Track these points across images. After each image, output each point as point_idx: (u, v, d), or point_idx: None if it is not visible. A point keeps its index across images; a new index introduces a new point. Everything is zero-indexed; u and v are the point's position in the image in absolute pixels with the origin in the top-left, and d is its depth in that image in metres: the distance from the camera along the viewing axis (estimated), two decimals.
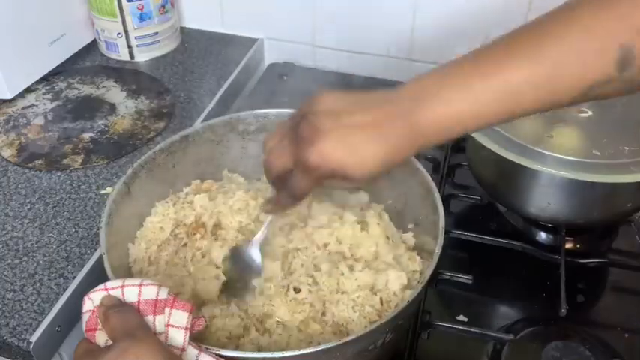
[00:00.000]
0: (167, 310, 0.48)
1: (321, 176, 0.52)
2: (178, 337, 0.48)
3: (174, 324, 0.48)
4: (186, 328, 0.48)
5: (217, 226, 0.68)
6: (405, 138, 0.51)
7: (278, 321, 0.59)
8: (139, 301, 0.49)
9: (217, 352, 0.49)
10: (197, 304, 0.60)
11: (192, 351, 0.48)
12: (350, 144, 0.50)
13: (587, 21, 0.47)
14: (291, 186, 0.55)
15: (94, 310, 0.49)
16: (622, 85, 0.48)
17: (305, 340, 0.58)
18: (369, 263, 0.64)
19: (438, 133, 0.51)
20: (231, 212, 0.68)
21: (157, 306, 0.48)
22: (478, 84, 0.49)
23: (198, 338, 0.50)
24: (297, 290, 0.60)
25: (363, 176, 0.51)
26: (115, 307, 0.48)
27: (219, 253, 0.64)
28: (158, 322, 0.48)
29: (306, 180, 0.54)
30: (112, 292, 0.49)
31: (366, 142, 0.50)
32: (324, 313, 0.60)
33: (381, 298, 0.61)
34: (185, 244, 0.66)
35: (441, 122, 0.50)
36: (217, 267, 0.64)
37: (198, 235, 0.66)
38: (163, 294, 0.49)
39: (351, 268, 0.62)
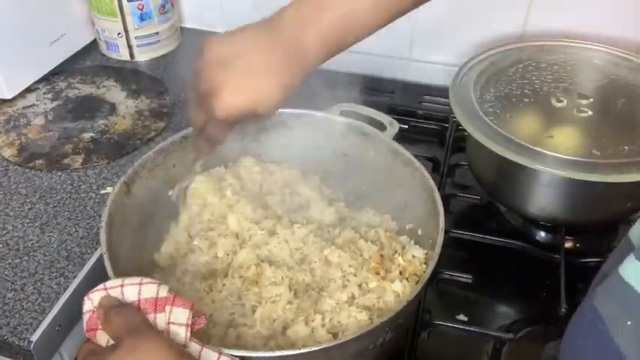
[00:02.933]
0: (168, 308, 0.48)
1: (232, 122, 0.59)
2: (180, 333, 0.48)
3: (175, 321, 0.48)
4: (187, 325, 0.48)
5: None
6: (296, 64, 0.57)
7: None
8: (139, 300, 0.49)
9: (219, 349, 0.49)
10: None
11: (194, 347, 0.48)
12: (250, 87, 0.55)
13: None
14: (208, 135, 0.61)
15: (93, 311, 0.49)
16: None
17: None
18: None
19: (320, 54, 0.59)
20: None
21: (158, 304, 0.48)
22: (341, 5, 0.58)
23: (199, 337, 0.50)
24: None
25: (270, 110, 0.57)
26: (114, 307, 0.48)
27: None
28: (159, 320, 0.48)
29: (219, 128, 0.60)
30: (111, 292, 0.49)
31: (264, 80, 0.56)
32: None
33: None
34: None
35: (322, 46, 0.58)
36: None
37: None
38: (163, 292, 0.49)
39: None
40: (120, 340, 0.46)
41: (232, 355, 0.49)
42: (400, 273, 0.62)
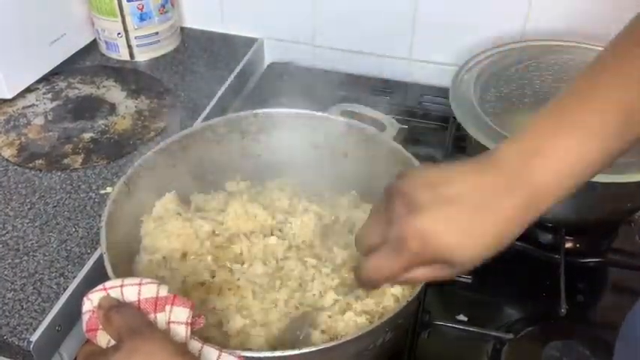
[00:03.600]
0: (168, 307, 0.48)
1: (417, 260, 0.43)
2: (180, 332, 0.48)
3: (176, 320, 0.48)
4: (187, 323, 0.48)
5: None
6: (519, 206, 0.42)
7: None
8: (139, 300, 0.49)
9: (219, 347, 0.49)
10: None
11: (195, 345, 0.48)
12: (454, 220, 0.41)
13: None
14: (373, 265, 0.46)
15: (93, 311, 0.49)
16: None
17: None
18: None
19: (564, 187, 0.42)
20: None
21: (158, 304, 0.48)
22: (594, 118, 0.41)
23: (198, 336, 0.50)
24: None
25: (470, 261, 0.43)
26: (114, 307, 0.48)
27: None
28: (159, 319, 0.48)
29: (394, 261, 0.44)
30: (110, 292, 0.49)
31: (472, 217, 0.41)
32: None
33: None
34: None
35: (569, 174, 0.42)
36: None
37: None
38: (163, 292, 0.49)
39: None
40: (121, 340, 0.46)
41: (233, 353, 0.49)
42: None
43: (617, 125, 0.41)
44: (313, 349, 0.50)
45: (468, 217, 0.42)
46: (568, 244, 0.78)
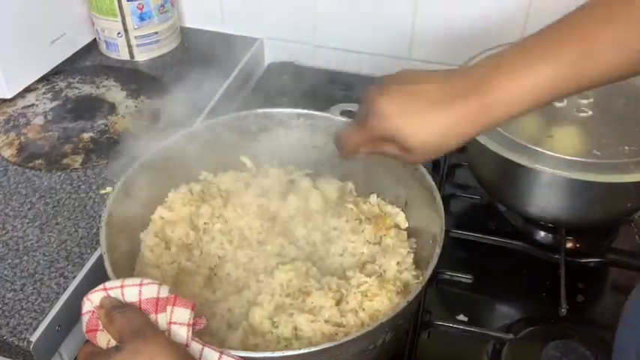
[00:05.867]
0: (169, 308, 0.48)
1: (377, 135, 0.52)
2: (181, 333, 0.48)
3: (177, 321, 0.48)
4: (188, 325, 0.48)
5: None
6: (471, 111, 0.49)
7: None
8: (139, 301, 0.49)
9: (220, 349, 0.49)
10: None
11: (195, 346, 0.48)
12: (411, 108, 0.50)
13: None
14: (343, 136, 0.56)
15: (93, 312, 0.49)
16: None
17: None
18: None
19: (515, 103, 0.49)
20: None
21: (159, 304, 0.48)
22: (558, 48, 0.48)
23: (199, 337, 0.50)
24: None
25: (419, 145, 0.50)
26: (117, 307, 0.48)
27: None
28: (160, 320, 0.48)
29: (361, 135, 0.54)
30: (111, 293, 0.49)
31: (428, 109, 0.49)
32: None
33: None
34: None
35: (520, 92, 0.48)
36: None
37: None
38: (164, 293, 0.49)
39: None
40: (123, 340, 0.46)
41: (234, 355, 0.49)
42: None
43: (573, 60, 0.48)
44: (313, 349, 0.50)
45: (424, 108, 0.49)
46: (568, 244, 0.78)
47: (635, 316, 0.50)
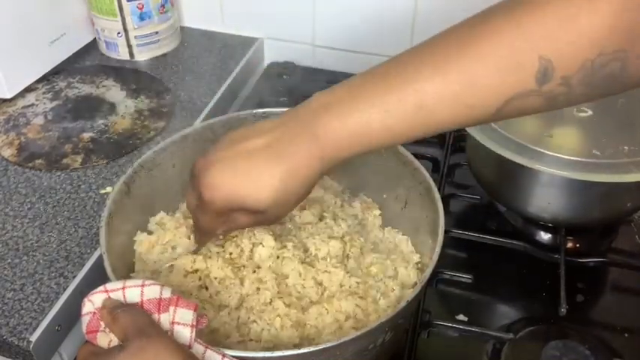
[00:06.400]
0: (172, 308, 0.48)
1: (219, 209, 0.50)
2: (185, 334, 0.48)
3: (180, 321, 0.48)
4: (192, 325, 0.48)
5: None
6: (305, 154, 0.47)
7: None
8: (142, 302, 0.48)
9: (223, 350, 0.49)
10: None
11: (198, 348, 0.48)
12: (241, 169, 0.47)
13: (507, 33, 0.43)
14: (197, 223, 0.54)
15: (94, 312, 0.49)
16: (541, 99, 0.44)
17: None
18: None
19: (344, 146, 0.47)
20: None
21: (161, 305, 0.48)
22: (390, 96, 0.45)
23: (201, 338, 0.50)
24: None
25: (262, 203, 0.47)
26: (119, 307, 0.48)
27: None
28: (163, 320, 0.48)
29: (206, 216, 0.51)
30: (112, 295, 0.49)
31: (259, 164, 0.47)
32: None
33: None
34: None
35: (348, 135, 0.46)
36: None
37: None
38: (167, 293, 0.49)
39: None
40: (127, 339, 0.46)
41: (235, 357, 0.49)
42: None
43: (408, 112, 0.45)
44: (313, 349, 0.50)
45: (256, 164, 0.47)
46: (568, 244, 0.78)
47: None
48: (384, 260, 0.64)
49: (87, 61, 1.05)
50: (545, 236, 0.80)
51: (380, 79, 0.47)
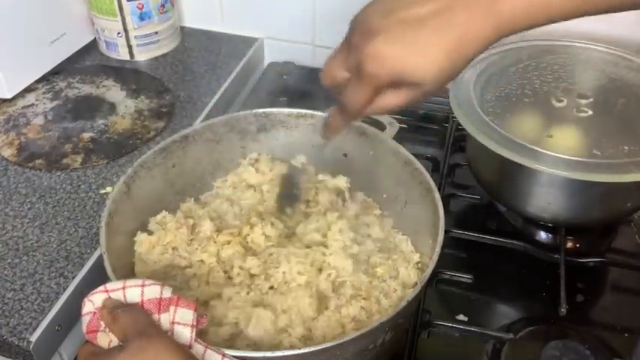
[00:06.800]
0: (172, 308, 0.48)
1: (380, 83, 0.46)
2: (185, 334, 0.48)
3: (180, 321, 0.48)
4: (192, 325, 0.48)
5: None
6: (480, 23, 0.44)
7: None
8: (142, 302, 0.49)
9: (223, 350, 0.49)
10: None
11: (198, 348, 0.48)
12: (408, 39, 0.44)
13: None
14: (345, 99, 0.49)
15: (94, 312, 0.49)
16: None
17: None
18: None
19: (523, 17, 0.44)
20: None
21: (162, 305, 0.48)
22: None
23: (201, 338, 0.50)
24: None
25: (428, 76, 0.44)
26: (120, 307, 0.48)
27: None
28: (163, 319, 0.48)
29: (362, 90, 0.47)
30: (112, 295, 0.49)
31: (428, 33, 0.43)
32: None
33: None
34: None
35: (528, 4, 0.43)
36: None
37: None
38: (167, 293, 0.49)
39: None
40: (127, 340, 0.46)
41: (235, 357, 0.49)
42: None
43: None
44: (313, 348, 0.50)
45: (422, 35, 0.44)
46: (568, 244, 0.78)
47: None
48: (386, 260, 0.64)
49: (87, 61, 1.05)
50: (545, 236, 0.80)
51: None
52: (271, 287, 0.61)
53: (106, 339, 0.48)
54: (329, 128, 0.55)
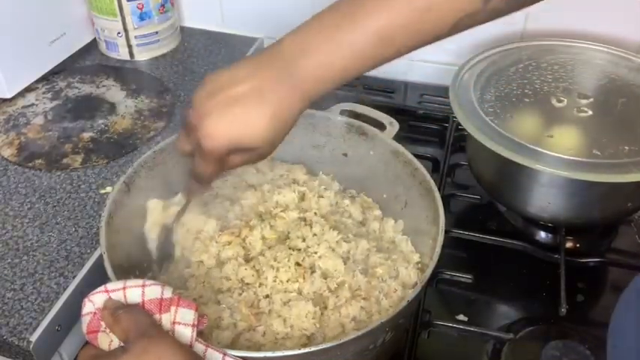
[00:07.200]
0: (173, 308, 0.48)
1: (219, 155, 0.54)
2: (186, 333, 0.48)
3: (181, 321, 0.48)
4: (193, 325, 0.48)
5: None
6: (288, 94, 0.52)
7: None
8: (143, 302, 0.48)
9: (224, 350, 0.49)
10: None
11: (199, 347, 0.48)
12: (233, 116, 0.52)
13: None
14: (195, 170, 0.57)
15: (95, 313, 0.49)
16: (487, 15, 0.52)
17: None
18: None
19: (320, 82, 0.53)
20: None
21: (163, 305, 0.48)
22: (354, 32, 0.52)
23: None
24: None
25: (258, 141, 0.52)
26: (121, 307, 0.48)
27: None
28: (164, 320, 0.48)
29: (206, 162, 0.55)
30: (113, 295, 0.49)
31: (249, 109, 0.51)
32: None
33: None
34: None
35: (323, 73, 0.52)
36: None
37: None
38: (168, 293, 0.49)
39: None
40: (128, 341, 0.46)
41: (236, 356, 0.49)
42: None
43: (373, 44, 0.52)
44: (313, 348, 0.50)
45: (248, 110, 0.51)
46: (568, 244, 0.78)
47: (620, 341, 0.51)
48: (385, 260, 0.64)
49: (87, 61, 1.05)
50: (545, 236, 0.80)
51: (343, 18, 0.52)
52: (267, 296, 0.61)
53: (107, 339, 0.48)
54: (191, 192, 0.63)
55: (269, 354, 0.49)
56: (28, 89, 0.96)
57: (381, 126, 0.74)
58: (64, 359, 0.68)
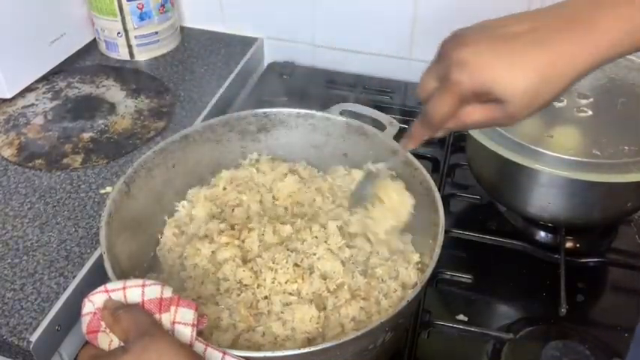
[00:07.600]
0: (173, 308, 0.48)
1: (464, 92, 0.45)
2: (186, 333, 0.48)
3: (181, 321, 0.48)
4: (192, 325, 0.48)
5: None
6: (577, 44, 0.43)
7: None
8: (142, 302, 0.49)
9: (223, 349, 0.49)
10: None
11: (199, 346, 0.48)
12: (499, 51, 0.43)
13: None
14: (429, 107, 0.48)
15: (95, 313, 0.49)
16: None
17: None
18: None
19: (624, 43, 0.43)
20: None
21: (163, 304, 0.48)
22: None
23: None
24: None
25: (515, 92, 0.43)
26: (121, 307, 0.48)
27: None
28: (164, 319, 0.48)
29: (446, 98, 0.46)
30: (113, 295, 0.49)
31: (521, 47, 0.43)
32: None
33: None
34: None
35: (632, 30, 0.43)
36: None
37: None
38: (167, 293, 0.49)
39: None
40: (128, 340, 0.46)
41: (235, 356, 0.49)
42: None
43: None
44: (313, 348, 0.50)
45: (516, 50, 0.43)
46: (568, 244, 0.78)
47: None
48: (385, 261, 0.64)
49: (87, 61, 1.05)
50: (545, 236, 0.80)
51: None
52: (265, 297, 0.61)
53: (107, 339, 0.48)
54: (409, 139, 0.55)
55: (269, 354, 0.49)
56: (28, 89, 0.96)
57: (381, 126, 0.74)
58: (64, 359, 0.68)
